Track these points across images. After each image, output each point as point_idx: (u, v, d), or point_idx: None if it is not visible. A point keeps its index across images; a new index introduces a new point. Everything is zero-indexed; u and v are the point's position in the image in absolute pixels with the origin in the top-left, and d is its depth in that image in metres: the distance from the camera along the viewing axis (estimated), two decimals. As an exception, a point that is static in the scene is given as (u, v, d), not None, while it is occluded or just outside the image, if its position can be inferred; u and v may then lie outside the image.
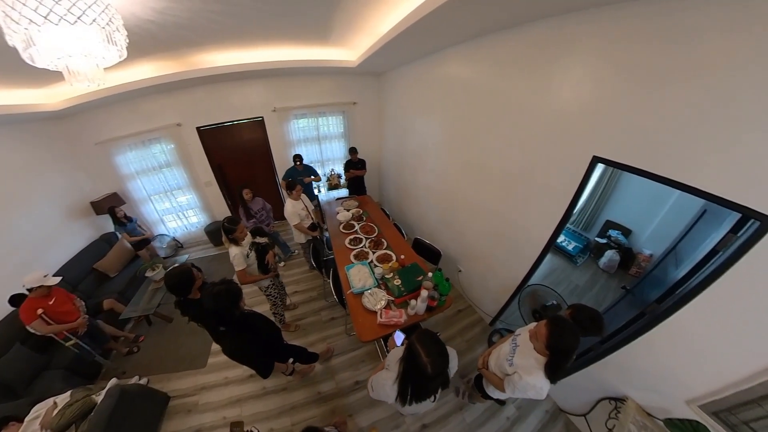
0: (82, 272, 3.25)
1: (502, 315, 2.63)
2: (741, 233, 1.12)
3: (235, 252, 2.08)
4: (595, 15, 1.38)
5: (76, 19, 1.12)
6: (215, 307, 1.36)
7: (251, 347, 1.54)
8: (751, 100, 0.97)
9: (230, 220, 2.08)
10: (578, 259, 3.37)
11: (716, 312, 1.18)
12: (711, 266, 1.21)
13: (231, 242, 2.09)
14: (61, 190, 3.36)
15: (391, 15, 2.04)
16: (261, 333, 1.66)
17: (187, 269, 1.67)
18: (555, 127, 1.74)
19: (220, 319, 1.42)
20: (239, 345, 1.49)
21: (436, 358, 1.04)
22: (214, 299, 1.35)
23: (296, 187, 2.88)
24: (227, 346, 1.48)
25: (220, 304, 1.36)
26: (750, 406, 1.15)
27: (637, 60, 1.27)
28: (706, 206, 1.78)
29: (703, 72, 1.07)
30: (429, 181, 3.52)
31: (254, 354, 1.58)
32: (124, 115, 3.44)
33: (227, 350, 1.49)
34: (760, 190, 1.00)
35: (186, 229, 4.59)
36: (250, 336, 1.54)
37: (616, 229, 3.38)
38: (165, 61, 2.76)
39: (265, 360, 1.70)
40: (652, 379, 1.46)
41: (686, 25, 1.09)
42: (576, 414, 1.97)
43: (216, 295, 1.36)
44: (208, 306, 1.36)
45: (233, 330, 1.47)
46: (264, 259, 2.28)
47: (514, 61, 1.91)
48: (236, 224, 2.07)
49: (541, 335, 1.20)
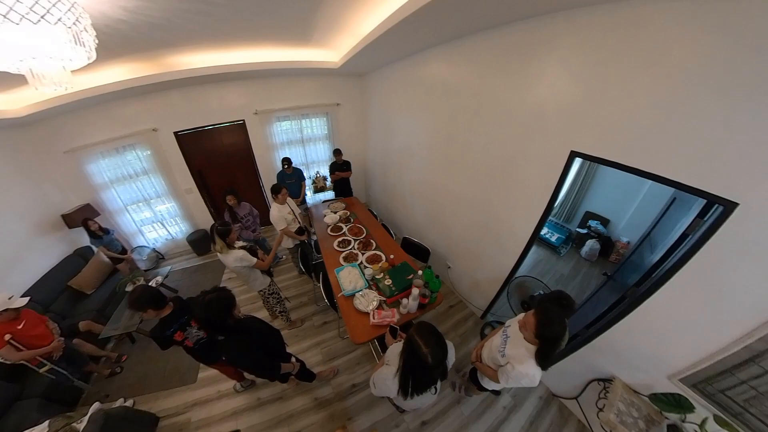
0: (54, 291, 3.04)
1: (492, 308, 2.70)
2: (707, 217, 1.21)
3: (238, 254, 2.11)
4: (569, 17, 1.45)
5: (39, 18, 1.06)
6: (207, 316, 1.32)
7: (254, 351, 1.51)
8: (709, 98, 1.07)
9: (223, 224, 2.10)
10: (561, 249, 3.53)
11: (689, 291, 1.27)
12: (682, 249, 1.30)
13: (225, 246, 2.08)
14: (27, 203, 3.13)
15: (373, 16, 2.05)
16: (261, 335, 1.63)
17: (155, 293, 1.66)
18: (534, 124, 1.80)
19: (214, 328, 1.38)
20: (241, 350, 1.46)
21: (435, 348, 1.06)
22: (206, 308, 1.31)
23: (282, 191, 2.83)
24: (229, 353, 1.45)
25: (213, 313, 1.32)
26: (724, 376, 1.25)
27: (607, 59, 1.35)
28: (676, 194, 1.92)
29: (667, 72, 1.16)
30: (414, 180, 3.55)
31: (258, 357, 1.54)
32: (95, 120, 3.26)
33: (230, 358, 1.48)
34: (722, 177, 1.08)
35: (167, 240, 4.40)
36: (250, 340, 1.51)
37: (595, 219, 3.57)
38: (138, 63, 2.64)
39: (269, 362, 1.66)
40: (635, 358, 1.55)
41: (650, 29, 1.18)
42: (568, 398, 2.05)
43: (208, 303, 1.32)
44: (200, 315, 1.33)
45: (232, 336, 1.44)
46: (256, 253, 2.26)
47: (494, 61, 1.97)
48: (229, 225, 2.11)
49: (530, 325, 1.24)
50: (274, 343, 1.76)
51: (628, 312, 1.49)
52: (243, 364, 1.53)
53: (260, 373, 1.62)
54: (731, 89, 1.02)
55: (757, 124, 0.98)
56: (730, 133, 1.04)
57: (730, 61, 1.00)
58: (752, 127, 0.99)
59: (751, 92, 0.98)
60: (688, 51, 1.09)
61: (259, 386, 2.35)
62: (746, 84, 0.98)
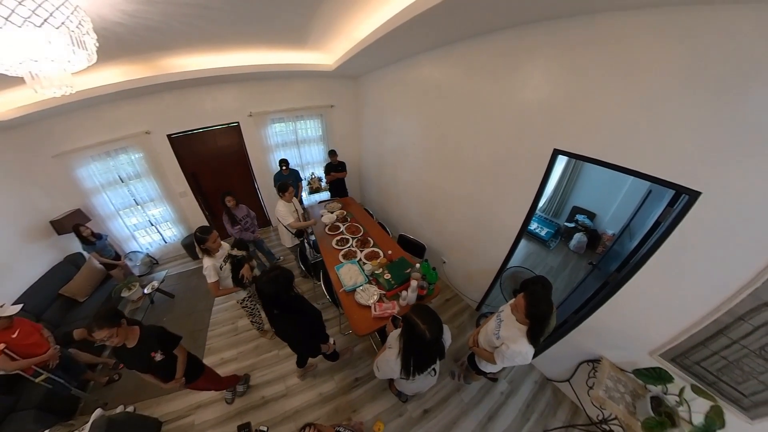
0: (46, 299, 2.97)
1: (486, 300, 2.82)
2: (676, 206, 1.35)
3: (207, 264, 2.04)
4: (551, 26, 1.58)
5: (42, 21, 1.07)
6: (274, 291, 1.40)
7: (301, 329, 1.63)
8: (673, 100, 1.21)
9: (202, 230, 2.04)
10: (551, 243, 3.70)
11: (662, 273, 1.41)
12: (655, 235, 1.44)
13: (204, 253, 2.06)
14: (14, 210, 3.05)
15: (368, 22, 2.13)
16: (309, 315, 1.73)
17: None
18: (520, 124, 1.94)
19: (275, 303, 1.47)
20: (291, 326, 1.58)
21: (431, 324, 1.17)
22: (272, 283, 1.40)
23: (289, 189, 2.88)
24: (280, 327, 1.58)
25: (279, 287, 1.41)
26: (698, 349, 1.39)
27: (585, 65, 1.48)
28: (651, 187, 2.08)
29: (637, 77, 1.30)
30: (409, 179, 3.65)
31: (303, 335, 1.67)
32: (85, 123, 3.20)
33: (280, 332, 1.62)
34: (687, 170, 1.22)
35: (161, 244, 4.34)
36: (300, 318, 1.62)
37: (582, 213, 3.76)
38: (132, 66, 2.63)
39: (312, 342, 1.80)
40: (620, 338, 1.68)
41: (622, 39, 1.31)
42: (561, 381, 2.18)
43: (274, 279, 1.41)
44: (266, 290, 1.39)
45: (285, 312, 1.53)
46: (239, 273, 2.23)
47: (483, 66, 2.10)
48: (209, 233, 2.02)
49: (520, 306, 1.35)
50: (318, 323, 1.85)
51: (611, 295, 1.63)
52: (289, 339, 1.67)
53: (302, 349, 1.76)
54: (691, 92, 1.16)
55: (715, 123, 1.12)
56: (692, 130, 1.18)
57: (690, 68, 1.14)
58: (711, 125, 1.13)
59: (709, 95, 1.11)
60: (654, 59, 1.23)
61: (261, 385, 2.38)
62: (704, 87, 1.12)
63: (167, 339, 1.67)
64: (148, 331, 1.60)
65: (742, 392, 1.30)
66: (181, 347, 1.75)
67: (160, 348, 1.59)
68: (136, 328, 1.56)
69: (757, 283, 1.14)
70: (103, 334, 1.35)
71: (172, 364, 1.69)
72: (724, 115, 1.09)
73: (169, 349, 1.65)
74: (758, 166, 1.06)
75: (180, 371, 1.71)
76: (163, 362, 1.61)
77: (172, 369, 1.69)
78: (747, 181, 1.09)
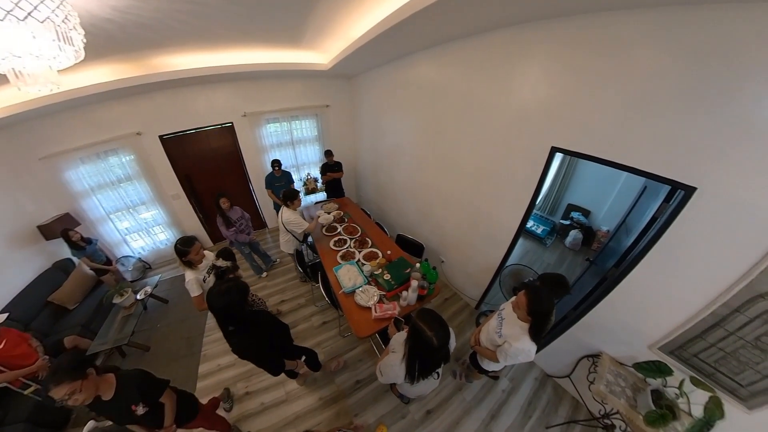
0: (33, 308, 2.86)
1: (485, 298, 2.83)
2: (672, 202, 1.37)
3: (189, 277, 1.92)
4: (547, 25, 1.59)
5: (26, 14, 1.00)
6: (224, 304, 1.35)
7: (260, 345, 1.54)
8: (667, 98, 1.23)
9: (183, 242, 1.89)
10: (547, 240, 3.74)
11: (660, 267, 1.42)
12: (652, 231, 1.46)
13: (185, 266, 1.92)
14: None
15: (363, 20, 2.12)
16: (269, 331, 1.65)
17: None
18: (517, 122, 1.95)
19: (226, 318, 1.41)
20: (248, 343, 1.48)
21: (439, 331, 1.14)
22: (222, 296, 1.35)
23: (297, 197, 2.74)
24: (236, 344, 1.47)
25: (230, 300, 1.35)
26: (695, 341, 1.41)
27: (581, 64, 1.50)
28: (647, 183, 2.11)
29: (632, 76, 1.32)
30: (405, 178, 3.65)
31: (263, 352, 1.57)
32: (73, 124, 3.10)
33: (236, 349, 1.48)
34: (683, 166, 1.24)
35: (153, 248, 4.24)
36: (258, 334, 1.54)
37: (577, 210, 3.81)
38: (122, 64, 2.56)
39: (274, 358, 1.69)
40: (619, 333, 1.70)
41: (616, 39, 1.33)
42: (561, 376, 2.20)
43: (225, 292, 1.35)
44: (215, 304, 1.34)
45: (242, 328, 1.46)
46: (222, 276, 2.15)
47: (480, 64, 2.10)
48: (191, 246, 1.89)
49: (522, 304, 1.35)
50: (281, 338, 1.78)
51: (609, 291, 1.64)
52: (248, 357, 1.55)
53: (263, 367, 1.64)
54: (684, 91, 1.18)
55: (710, 119, 1.14)
56: (687, 126, 1.20)
57: (683, 65, 1.16)
58: (706, 121, 1.15)
59: (701, 93, 1.14)
60: (648, 57, 1.25)
61: (260, 391, 2.34)
62: (696, 87, 1.14)
63: (150, 387, 1.42)
64: (127, 379, 1.34)
65: (739, 383, 1.32)
66: (168, 393, 1.50)
67: (141, 399, 1.33)
68: (111, 377, 1.30)
69: (752, 275, 1.17)
70: (63, 391, 1.06)
71: (159, 412, 1.45)
72: (717, 111, 1.11)
73: (153, 399, 1.40)
74: (752, 161, 1.08)
75: (169, 419, 1.47)
76: (147, 414, 1.35)
77: (159, 417, 1.45)
78: (741, 175, 1.11)
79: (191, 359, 2.70)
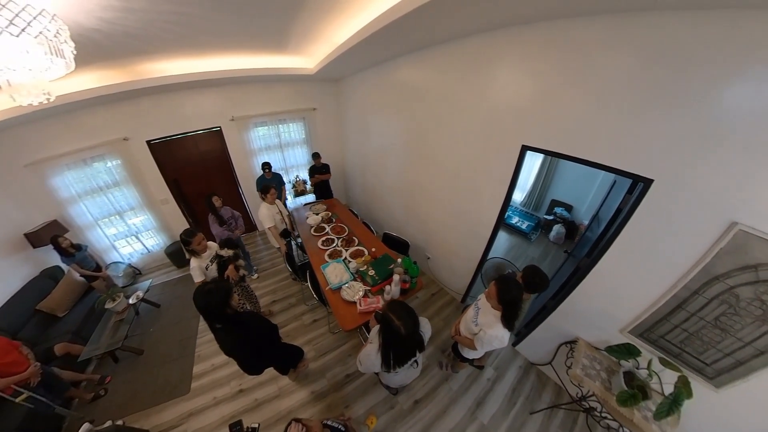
0: (22, 316, 2.84)
1: (470, 292, 2.91)
2: (633, 193, 1.47)
3: (193, 264, 2.15)
4: (514, 32, 1.69)
5: (20, 31, 1.07)
6: (205, 304, 1.41)
7: (244, 345, 1.59)
8: (625, 98, 1.32)
9: (186, 233, 2.13)
10: (532, 235, 3.85)
11: (625, 255, 1.52)
12: (617, 221, 1.55)
13: (190, 254, 2.16)
14: (-17, 224, 2.92)
15: (347, 26, 2.19)
16: (254, 332, 1.69)
17: None
18: (490, 123, 2.04)
19: (208, 317, 1.47)
20: (231, 342, 1.54)
21: (406, 320, 1.22)
22: (205, 296, 1.41)
23: (270, 191, 2.92)
24: (220, 341, 1.54)
25: (211, 301, 1.41)
26: (661, 323, 1.50)
27: (546, 67, 1.59)
28: (616, 178, 2.21)
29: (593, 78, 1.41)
30: (391, 178, 3.72)
31: (245, 352, 1.62)
32: (59, 130, 3.09)
33: (220, 346, 1.55)
34: (642, 160, 1.34)
35: (143, 254, 4.23)
36: (244, 334, 1.58)
37: (560, 206, 3.94)
38: (108, 71, 2.58)
39: (255, 361, 1.73)
40: (593, 318, 1.79)
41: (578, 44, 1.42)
42: (543, 364, 2.28)
43: (207, 292, 1.42)
44: (198, 303, 1.41)
45: (227, 327, 1.52)
46: (224, 273, 2.24)
47: (455, 68, 2.20)
48: (193, 236, 2.12)
49: (492, 293, 1.43)
50: (267, 339, 1.82)
51: (582, 279, 1.74)
52: (232, 356, 1.61)
53: (244, 367, 1.70)
54: (640, 91, 1.27)
55: (661, 117, 1.23)
56: (644, 123, 1.29)
57: (637, 70, 1.25)
58: (658, 118, 1.24)
59: (654, 93, 1.23)
60: (606, 60, 1.34)
61: (253, 387, 2.38)
62: (650, 87, 1.24)
63: None
64: None
65: (704, 361, 1.41)
66: None
67: None
68: None
69: (707, 259, 1.26)
70: None
71: None
72: (670, 109, 1.20)
73: None
74: (700, 153, 1.17)
75: None
76: None
77: None
78: (691, 167, 1.20)
79: (185, 361, 2.72)
